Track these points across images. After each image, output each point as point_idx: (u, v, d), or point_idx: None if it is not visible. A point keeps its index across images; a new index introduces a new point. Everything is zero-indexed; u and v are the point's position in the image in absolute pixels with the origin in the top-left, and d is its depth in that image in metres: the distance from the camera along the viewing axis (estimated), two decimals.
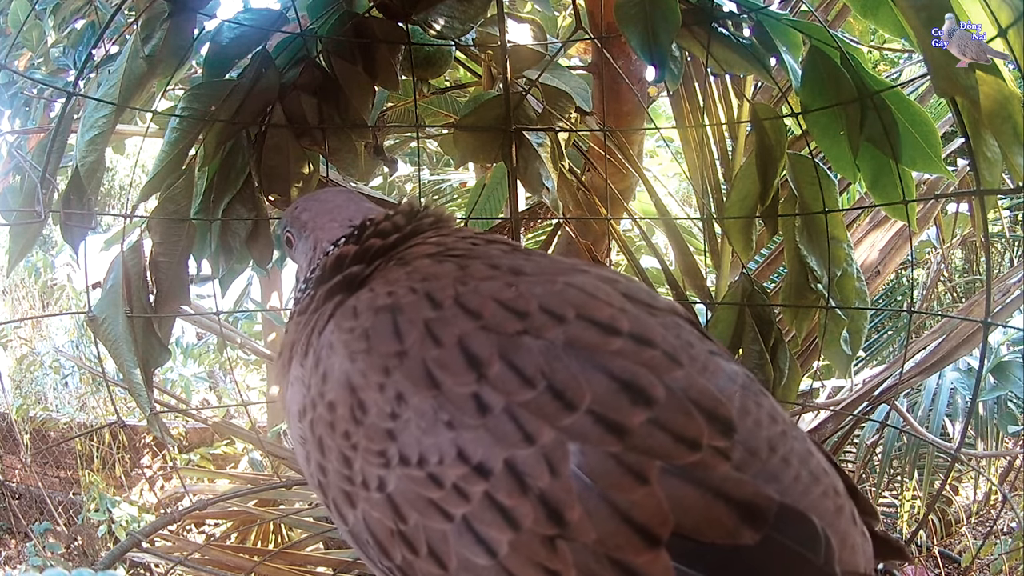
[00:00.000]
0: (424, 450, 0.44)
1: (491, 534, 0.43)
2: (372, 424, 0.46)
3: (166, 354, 1.09)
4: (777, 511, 0.43)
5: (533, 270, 0.52)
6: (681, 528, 0.41)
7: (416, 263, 0.55)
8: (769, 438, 0.47)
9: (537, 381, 0.44)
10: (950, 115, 1.18)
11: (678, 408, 0.44)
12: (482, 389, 0.44)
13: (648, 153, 3.29)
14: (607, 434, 0.43)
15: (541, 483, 0.42)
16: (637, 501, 0.41)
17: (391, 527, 0.46)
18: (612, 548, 0.41)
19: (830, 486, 0.49)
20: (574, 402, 0.43)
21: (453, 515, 0.44)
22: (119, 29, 1.56)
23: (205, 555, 1.39)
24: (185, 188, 1.07)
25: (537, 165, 1.20)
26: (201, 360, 4.63)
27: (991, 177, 0.85)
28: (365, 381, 0.47)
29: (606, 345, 0.46)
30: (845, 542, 0.47)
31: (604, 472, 0.42)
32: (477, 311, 0.47)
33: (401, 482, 0.45)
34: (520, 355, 0.45)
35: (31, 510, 4.10)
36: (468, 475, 0.43)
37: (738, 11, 1.08)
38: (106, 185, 6.22)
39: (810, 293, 1.13)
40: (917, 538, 2.94)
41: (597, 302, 0.48)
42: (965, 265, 4.32)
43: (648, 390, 0.44)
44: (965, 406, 2.80)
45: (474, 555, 0.43)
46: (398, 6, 1.10)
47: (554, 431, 0.43)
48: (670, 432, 0.43)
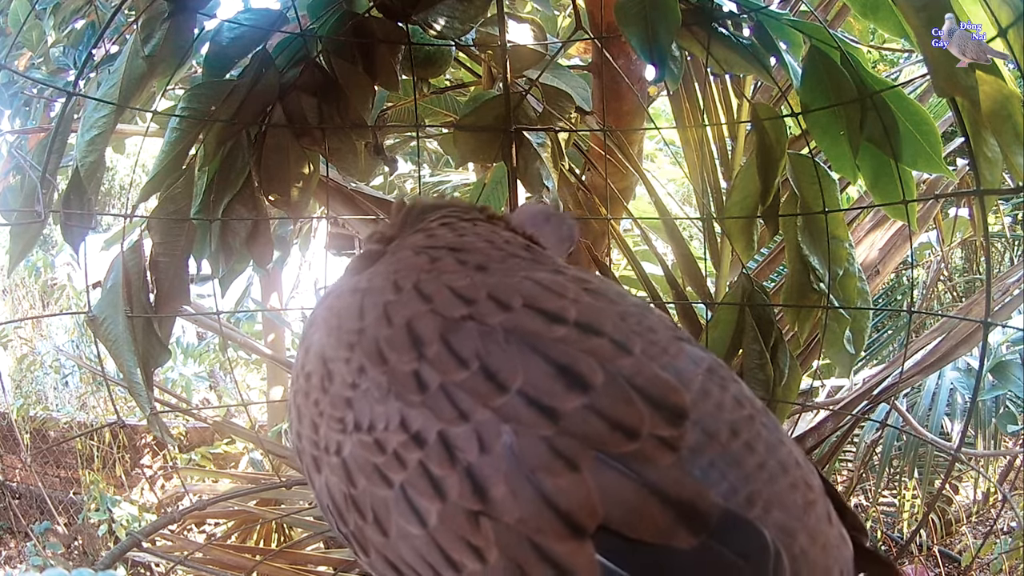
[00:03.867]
0: (374, 417, 0.46)
1: (422, 503, 0.43)
2: (336, 392, 0.49)
3: (166, 354, 1.09)
4: (720, 516, 0.40)
5: (502, 266, 0.53)
6: (610, 521, 0.40)
7: (401, 254, 0.58)
8: (732, 421, 0.45)
9: (471, 363, 0.44)
10: (950, 115, 1.18)
11: (617, 395, 0.43)
12: (422, 367, 0.45)
13: (648, 156, 3.29)
14: (540, 417, 0.42)
15: (470, 456, 0.42)
16: (564, 487, 0.40)
17: (345, 491, 0.48)
18: (534, 531, 0.40)
19: (800, 479, 0.46)
20: (505, 384, 0.43)
21: (393, 481, 0.44)
22: (119, 29, 1.56)
23: (206, 555, 1.39)
24: (185, 188, 1.07)
25: (537, 165, 1.20)
26: (202, 360, 4.63)
27: (991, 177, 0.85)
28: (335, 354, 0.50)
29: (549, 332, 0.46)
30: (814, 540, 0.45)
31: (534, 454, 0.41)
32: (429, 296, 0.49)
33: (354, 447, 0.47)
34: (458, 338, 0.46)
35: (31, 510, 4.10)
36: (407, 442, 0.44)
37: (738, 11, 1.08)
38: (106, 185, 6.21)
39: (812, 293, 1.13)
40: (917, 537, 2.94)
41: (548, 294, 0.49)
42: (965, 264, 4.31)
43: (586, 376, 0.43)
44: (965, 406, 2.80)
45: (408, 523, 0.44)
46: (398, 6, 1.10)
47: (487, 410, 0.43)
48: (606, 419, 0.42)
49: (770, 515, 0.43)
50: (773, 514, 0.43)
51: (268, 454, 2.37)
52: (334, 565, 1.41)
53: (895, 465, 3.12)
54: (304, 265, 3.72)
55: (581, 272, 0.56)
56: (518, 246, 0.59)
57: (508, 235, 0.61)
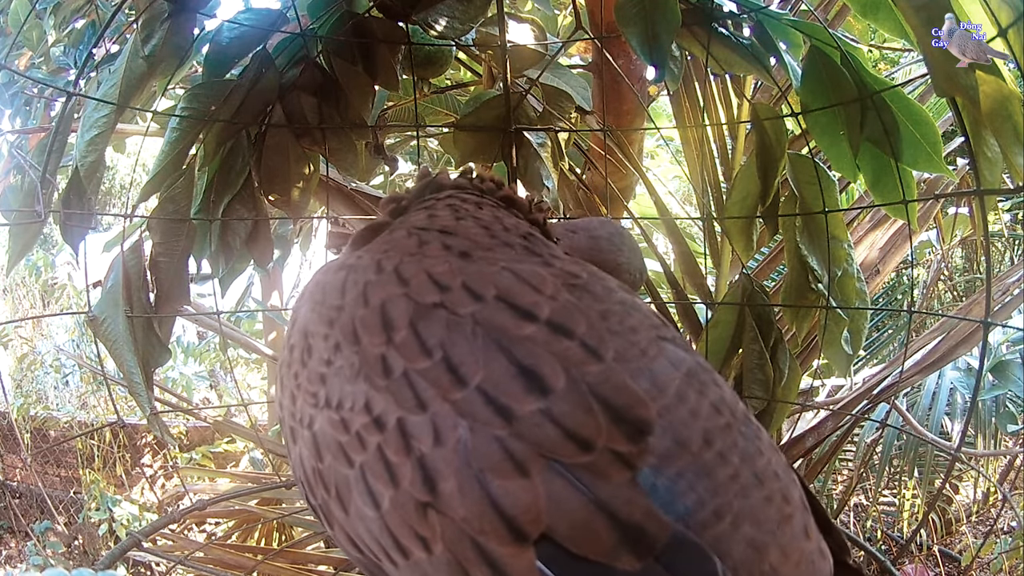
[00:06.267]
0: (343, 396, 0.46)
1: (378, 487, 0.43)
2: (312, 367, 0.49)
3: (166, 354, 1.09)
4: (668, 542, 0.39)
5: (487, 254, 0.52)
6: (553, 532, 0.39)
7: (395, 233, 0.57)
8: (706, 429, 0.44)
9: (435, 352, 0.44)
10: (950, 115, 1.18)
11: (577, 403, 0.42)
12: (388, 352, 0.45)
13: (649, 153, 3.29)
14: (495, 416, 0.41)
15: (424, 447, 0.42)
16: (511, 490, 0.39)
17: (314, 465, 0.48)
18: (477, 531, 0.40)
19: (777, 491, 0.44)
20: (465, 378, 0.43)
21: (354, 461, 0.45)
22: (119, 29, 1.56)
23: (206, 554, 1.39)
24: (185, 188, 1.07)
25: (537, 165, 1.20)
26: (202, 359, 4.63)
27: (991, 177, 0.85)
28: (315, 329, 0.50)
29: (517, 329, 0.45)
30: (787, 556, 0.43)
31: (486, 453, 0.40)
32: (407, 280, 0.48)
33: (323, 423, 0.47)
34: (426, 325, 0.45)
35: (31, 509, 4.10)
36: (368, 425, 0.44)
37: (738, 11, 1.08)
38: (106, 185, 6.21)
39: (810, 293, 1.13)
40: (917, 537, 2.94)
41: (524, 288, 0.47)
42: (965, 264, 4.31)
43: (547, 379, 0.42)
44: (965, 405, 2.80)
45: (365, 504, 0.44)
46: (398, 6, 1.10)
47: (446, 403, 0.42)
48: (561, 427, 0.41)
49: (739, 530, 0.42)
50: (743, 529, 0.42)
51: (269, 453, 2.38)
52: (335, 564, 1.41)
53: (895, 465, 3.12)
54: (305, 265, 3.72)
55: (573, 264, 0.54)
56: (516, 234, 0.58)
57: (514, 222, 0.60)
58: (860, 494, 3.37)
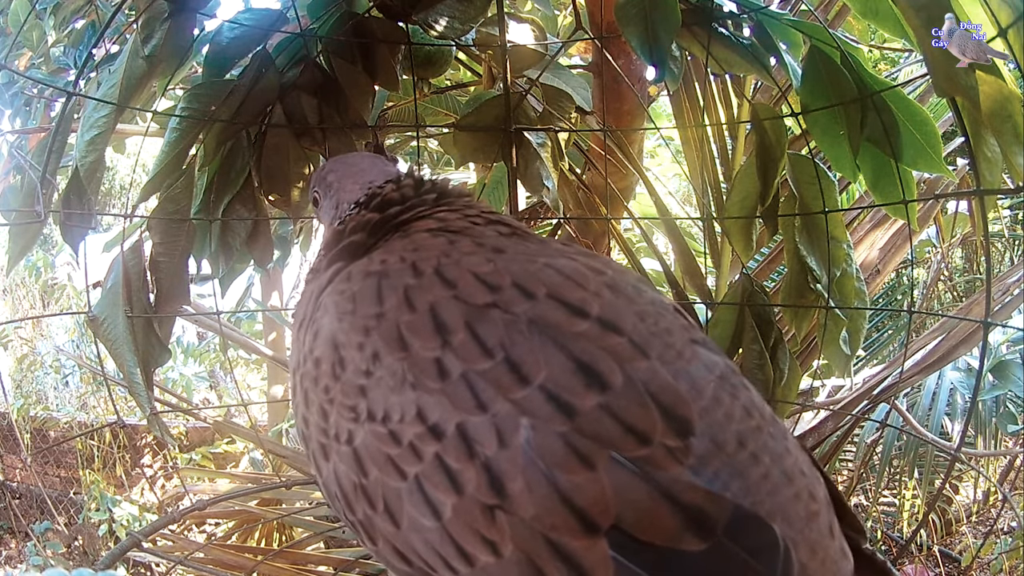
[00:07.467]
0: (389, 407, 0.46)
1: (437, 496, 0.43)
2: (348, 380, 0.48)
3: (166, 354, 1.09)
4: (730, 517, 0.41)
5: (518, 250, 0.53)
6: (622, 522, 0.40)
7: (415, 236, 0.57)
8: (739, 432, 0.45)
9: (496, 352, 0.44)
10: (950, 115, 1.18)
11: (634, 398, 0.43)
12: (445, 355, 0.45)
13: (649, 153, 3.29)
14: (557, 413, 0.42)
15: (488, 451, 0.42)
16: (580, 484, 0.41)
17: (355, 480, 0.48)
18: (549, 527, 0.41)
19: (804, 489, 0.47)
20: (528, 376, 0.43)
21: (407, 473, 0.44)
22: (119, 29, 1.56)
23: (206, 555, 1.39)
24: (185, 188, 1.07)
25: (537, 165, 1.20)
26: (202, 359, 4.63)
27: (991, 177, 0.85)
28: (347, 339, 0.49)
29: (571, 326, 0.46)
30: (815, 553, 0.45)
31: (551, 450, 0.41)
32: (453, 281, 0.48)
33: (366, 437, 0.47)
34: (484, 326, 0.46)
35: (31, 509, 4.10)
36: (423, 434, 0.44)
37: (738, 11, 1.08)
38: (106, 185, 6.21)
39: (810, 293, 1.13)
40: (917, 537, 2.94)
41: (571, 284, 0.48)
42: (965, 264, 4.31)
43: (605, 375, 0.44)
44: (965, 405, 2.80)
45: (422, 515, 0.44)
46: (398, 6, 1.10)
47: (507, 403, 0.43)
48: (621, 421, 0.42)
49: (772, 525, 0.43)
50: (776, 524, 0.43)
51: (268, 454, 2.38)
52: (334, 565, 1.41)
53: (895, 465, 3.12)
54: (304, 265, 3.72)
55: (590, 257, 0.55)
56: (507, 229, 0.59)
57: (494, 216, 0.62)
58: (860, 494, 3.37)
